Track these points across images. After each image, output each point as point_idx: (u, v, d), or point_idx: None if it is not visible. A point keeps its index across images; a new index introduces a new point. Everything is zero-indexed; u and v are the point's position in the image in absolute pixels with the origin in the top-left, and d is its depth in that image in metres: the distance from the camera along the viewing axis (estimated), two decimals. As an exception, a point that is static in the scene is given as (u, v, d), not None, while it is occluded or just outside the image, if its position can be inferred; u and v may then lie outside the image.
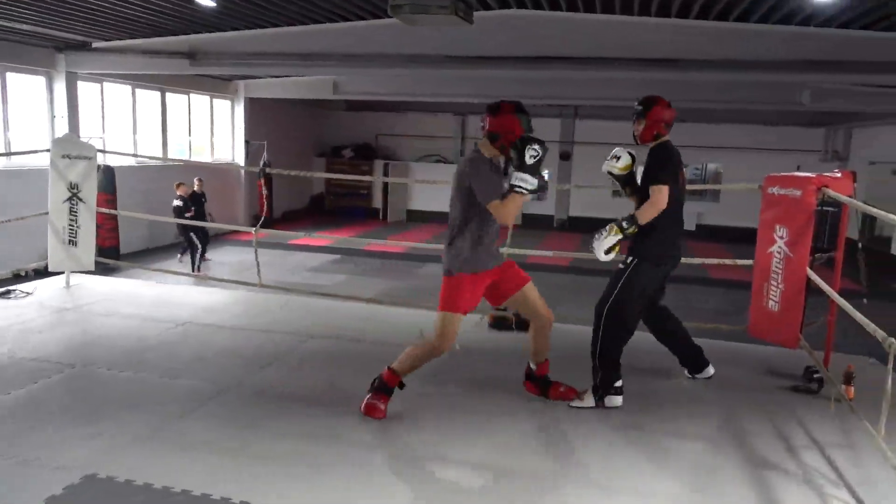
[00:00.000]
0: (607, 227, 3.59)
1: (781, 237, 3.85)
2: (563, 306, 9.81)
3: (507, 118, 3.37)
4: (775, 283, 3.90)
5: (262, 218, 6.26)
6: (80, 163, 5.83)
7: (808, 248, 3.77)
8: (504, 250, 4.87)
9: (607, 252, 3.58)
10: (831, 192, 3.67)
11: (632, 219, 3.57)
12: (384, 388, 3.51)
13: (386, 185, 18.33)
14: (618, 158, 3.85)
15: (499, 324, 5.10)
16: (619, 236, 3.56)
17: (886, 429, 2.80)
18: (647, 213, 3.54)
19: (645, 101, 3.82)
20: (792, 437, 3.42)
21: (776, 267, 3.89)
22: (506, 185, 3.35)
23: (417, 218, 18.68)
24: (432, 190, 18.27)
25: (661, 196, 3.52)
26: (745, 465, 3.12)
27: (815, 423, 3.58)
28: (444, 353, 3.50)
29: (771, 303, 3.95)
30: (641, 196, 3.69)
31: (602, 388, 3.71)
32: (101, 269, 7.37)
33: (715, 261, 5.59)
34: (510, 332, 5.05)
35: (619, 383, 3.71)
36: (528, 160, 3.25)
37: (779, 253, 3.87)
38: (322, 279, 11.08)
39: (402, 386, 3.55)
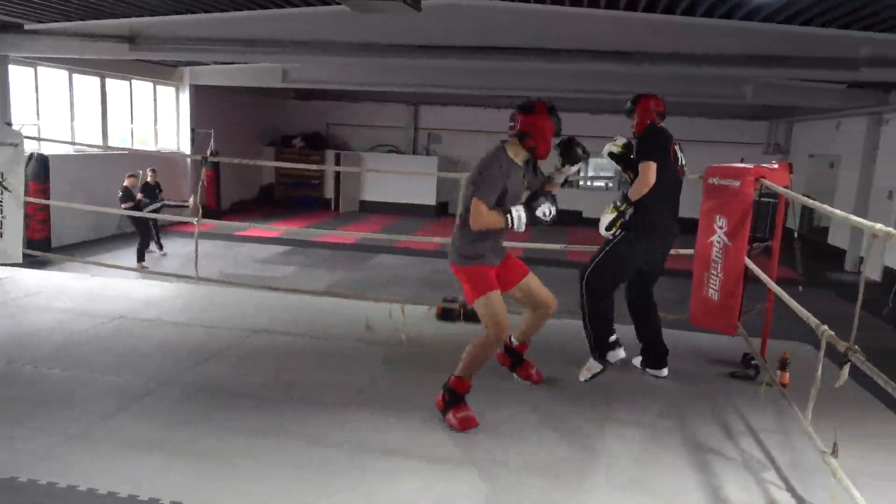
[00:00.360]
0: (607, 206, 3.90)
1: (721, 227, 3.93)
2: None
3: (539, 118, 3.36)
4: (715, 273, 3.98)
5: (197, 208, 5.96)
6: (6, 150, 5.54)
7: (746, 238, 3.86)
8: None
9: (608, 229, 3.85)
10: (768, 183, 3.76)
11: (624, 196, 3.80)
12: (456, 398, 3.34)
13: (338, 175, 18.08)
14: (615, 141, 4.09)
15: (446, 315, 5.07)
16: (615, 214, 3.82)
17: (815, 413, 2.87)
18: (637, 190, 3.74)
19: (634, 98, 4.09)
20: (729, 423, 3.50)
21: (716, 256, 3.97)
22: (524, 189, 3.47)
23: (370, 208, 18.50)
24: (385, 180, 18.14)
25: (648, 172, 3.69)
26: (683, 450, 3.18)
27: (750, 409, 3.67)
28: (503, 339, 3.41)
29: (711, 291, 4.03)
30: (635, 176, 3.85)
31: (599, 348, 3.83)
32: (32, 263, 7.04)
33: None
34: (458, 323, 5.03)
35: (613, 338, 3.82)
36: (539, 214, 3.27)
37: (718, 242, 3.95)
38: (272, 271, 10.87)
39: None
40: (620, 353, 3.81)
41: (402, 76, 13.91)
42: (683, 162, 3.99)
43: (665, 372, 4.10)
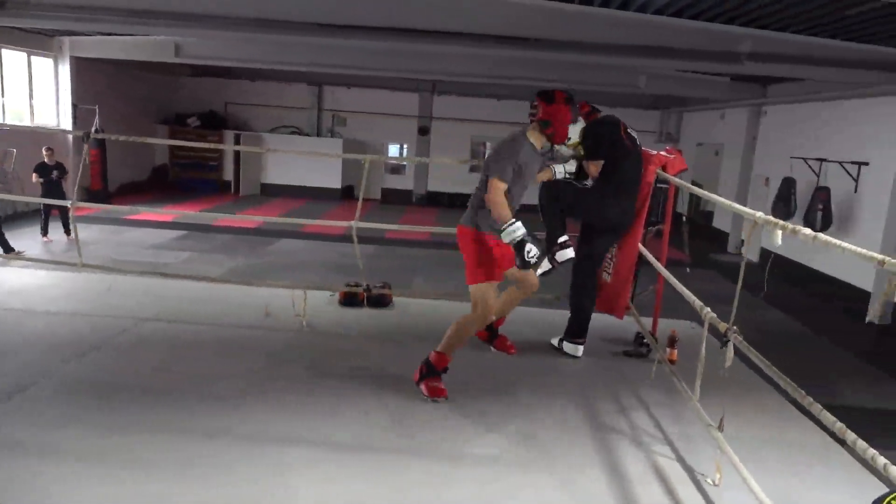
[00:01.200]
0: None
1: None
2: (419, 277, 9.94)
3: (560, 109, 3.56)
4: (610, 255, 4.11)
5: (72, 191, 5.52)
6: None
7: (642, 223, 4.00)
8: (365, 225, 4.83)
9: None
10: (661, 173, 3.92)
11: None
12: (434, 372, 3.51)
13: (238, 156, 17.35)
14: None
15: (350, 300, 4.97)
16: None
17: (702, 389, 3.03)
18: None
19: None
20: (623, 399, 3.64)
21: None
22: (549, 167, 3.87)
23: (272, 192, 17.91)
24: (288, 163, 17.60)
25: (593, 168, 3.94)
26: (581, 428, 3.27)
27: (643, 386, 3.83)
28: (487, 321, 3.63)
29: (605, 274, 4.16)
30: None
31: (567, 335, 4.13)
32: None
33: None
34: (361, 309, 4.95)
35: (563, 238, 3.92)
36: (527, 249, 3.38)
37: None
38: (165, 257, 10.29)
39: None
40: (577, 352, 4.12)
41: (305, 55, 13.43)
42: (638, 142, 4.12)
43: (580, 351, 4.22)
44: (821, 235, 2.07)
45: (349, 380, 3.69)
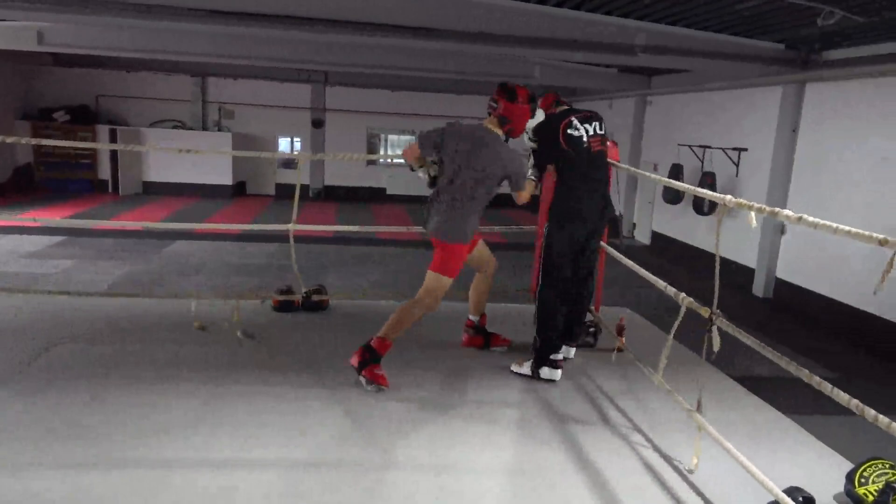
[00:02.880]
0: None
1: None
2: (331, 276, 9.64)
3: (520, 108, 3.59)
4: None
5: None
6: None
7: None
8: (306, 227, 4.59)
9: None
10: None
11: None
12: (375, 357, 3.49)
13: (115, 154, 16.02)
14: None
15: (284, 306, 4.69)
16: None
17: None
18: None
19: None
20: (587, 391, 3.67)
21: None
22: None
23: (156, 190, 16.72)
24: (173, 159, 16.49)
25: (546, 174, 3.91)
26: (550, 425, 3.26)
27: (600, 375, 3.89)
28: (428, 311, 3.62)
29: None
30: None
31: (539, 359, 3.77)
32: None
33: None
34: (297, 314, 4.69)
35: (556, 357, 3.75)
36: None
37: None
38: (44, 267, 9.32)
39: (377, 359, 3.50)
40: (555, 375, 3.77)
41: (185, 44, 12.52)
42: (593, 133, 3.85)
43: (573, 353, 4.13)
44: (806, 217, 2.15)
45: (303, 389, 3.47)
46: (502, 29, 9.38)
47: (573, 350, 4.12)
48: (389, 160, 19.81)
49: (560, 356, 3.77)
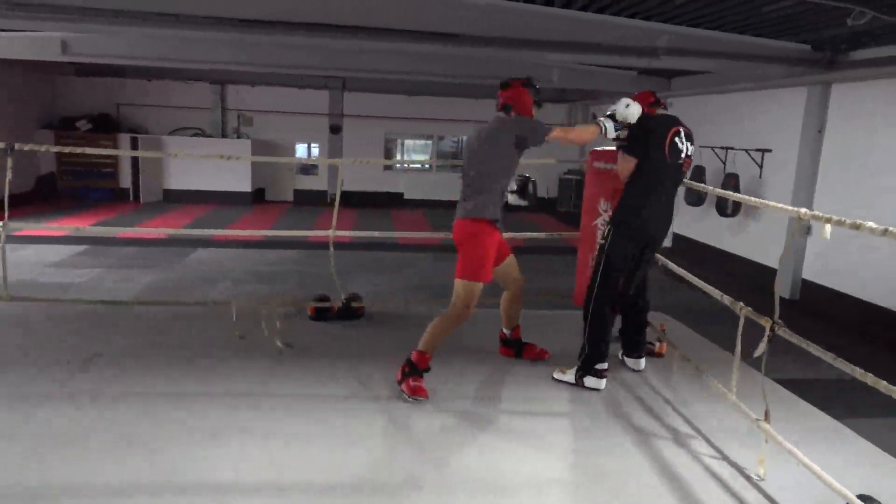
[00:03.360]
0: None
1: (605, 210, 4.06)
2: (353, 284, 9.66)
3: (517, 91, 3.68)
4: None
5: None
6: None
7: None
8: (347, 233, 4.60)
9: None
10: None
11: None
12: (415, 371, 3.54)
13: (136, 162, 16.17)
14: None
15: (321, 314, 4.70)
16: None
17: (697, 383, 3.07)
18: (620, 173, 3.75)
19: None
20: (649, 400, 3.63)
21: (601, 239, 4.10)
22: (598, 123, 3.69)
23: (176, 198, 16.84)
24: (193, 166, 16.61)
25: (623, 163, 3.74)
26: (619, 432, 3.23)
27: (663, 383, 3.85)
28: (465, 319, 3.61)
29: (594, 275, 4.16)
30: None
31: (584, 368, 3.72)
32: None
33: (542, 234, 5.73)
34: (332, 323, 4.70)
35: (602, 366, 3.71)
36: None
37: (604, 226, 4.08)
38: (69, 276, 9.41)
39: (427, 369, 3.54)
40: (600, 385, 3.75)
41: (205, 52, 12.63)
42: (688, 152, 3.79)
43: (643, 364, 4.08)
44: (892, 229, 2.12)
45: (352, 401, 3.47)
46: (522, 33, 9.37)
47: (643, 361, 4.04)
48: (406, 165, 19.88)
49: (605, 365, 3.72)
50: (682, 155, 3.71)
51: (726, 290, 3.49)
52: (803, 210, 2.59)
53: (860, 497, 2.44)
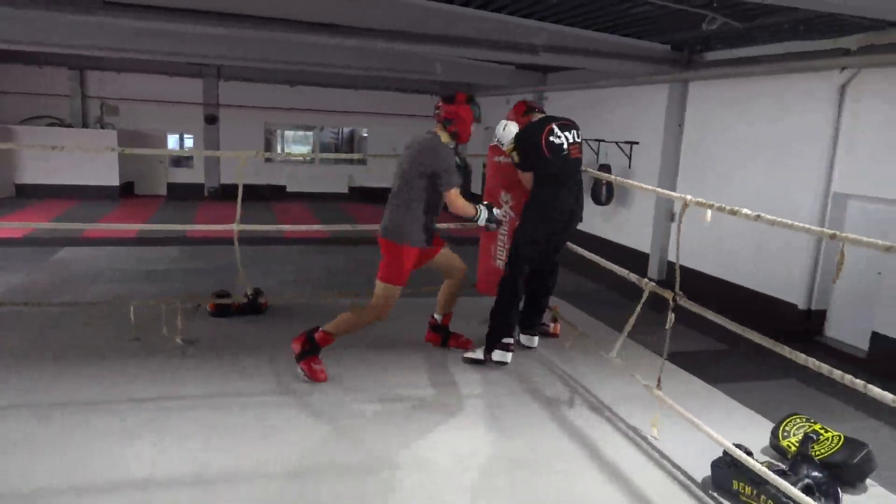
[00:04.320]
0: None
1: (507, 202, 4.28)
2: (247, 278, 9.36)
3: (461, 108, 3.77)
4: (501, 244, 4.34)
5: None
6: None
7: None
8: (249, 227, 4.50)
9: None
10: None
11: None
12: (316, 349, 3.61)
13: (-18, 154, 14.62)
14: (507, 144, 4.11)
15: (222, 311, 4.60)
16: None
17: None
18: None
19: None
20: (550, 375, 3.90)
21: (502, 230, 4.32)
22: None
23: (31, 193, 15.41)
24: (51, 159, 15.27)
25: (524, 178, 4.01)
26: (517, 406, 3.45)
27: (563, 360, 4.13)
28: (377, 319, 3.71)
29: (498, 261, 4.39)
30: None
31: (490, 343, 3.93)
32: None
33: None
34: (233, 318, 4.60)
35: (508, 340, 3.91)
36: (497, 215, 3.83)
37: (504, 217, 4.30)
38: (-87, 282, 8.42)
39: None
40: (506, 358, 3.94)
41: (65, 35, 11.63)
42: (572, 140, 4.00)
43: (535, 341, 4.32)
44: (764, 215, 2.46)
45: (268, 395, 3.46)
46: (406, 26, 9.48)
47: (536, 339, 4.32)
48: (292, 157, 19.42)
49: (511, 340, 3.96)
50: (564, 145, 3.95)
51: (601, 273, 3.82)
52: (688, 196, 2.93)
53: (735, 445, 2.81)
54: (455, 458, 2.94)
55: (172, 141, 17.52)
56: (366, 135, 19.18)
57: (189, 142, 17.46)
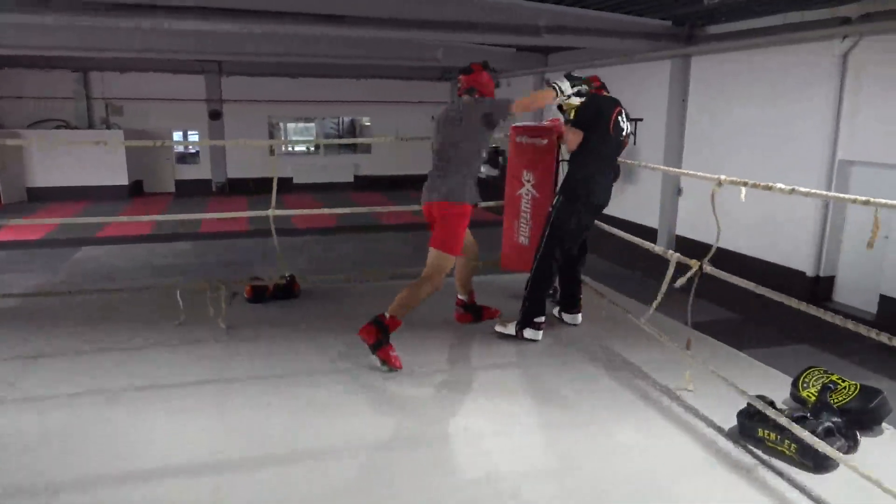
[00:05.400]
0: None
1: (529, 181, 4.45)
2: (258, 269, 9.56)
3: (479, 75, 3.95)
4: (524, 221, 4.52)
5: None
6: None
7: (551, 188, 4.43)
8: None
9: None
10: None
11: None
12: (387, 335, 3.61)
13: (-8, 159, 14.80)
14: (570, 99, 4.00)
15: (258, 296, 4.78)
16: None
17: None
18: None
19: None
20: (584, 345, 4.10)
21: (525, 207, 4.50)
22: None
23: (43, 196, 15.59)
24: (61, 161, 15.44)
25: (571, 136, 3.99)
26: (562, 380, 3.63)
27: (589, 330, 4.33)
28: (436, 289, 3.76)
29: (521, 238, 4.57)
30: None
31: (524, 320, 4.03)
32: None
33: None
34: (269, 303, 4.78)
35: (540, 319, 4.03)
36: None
37: (527, 195, 4.48)
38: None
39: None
40: (538, 336, 4.06)
41: (70, 38, 11.72)
42: (628, 131, 4.11)
43: (580, 318, 4.41)
44: (798, 188, 2.64)
45: (321, 375, 3.64)
46: (411, 13, 9.59)
47: (579, 316, 4.42)
48: (292, 147, 19.53)
49: (543, 319, 4.11)
50: (623, 133, 4.07)
51: (615, 250, 3.96)
52: (723, 176, 3.09)
53: (758, 397, 3.01)
54: (497, 424, 3.13)
55: (178, 138, 17.67)
56: (368, 123, 19.30)
57: (193, 138, 17.62)
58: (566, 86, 3.92)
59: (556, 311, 4.49)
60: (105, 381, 3.45)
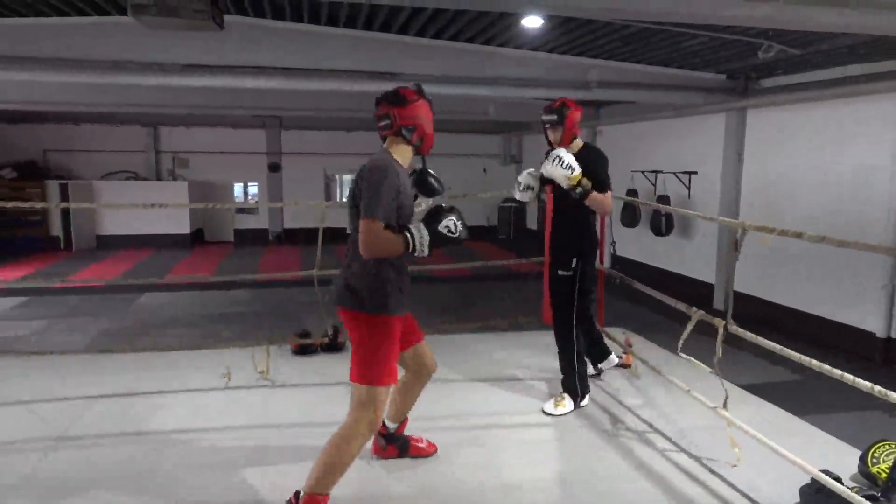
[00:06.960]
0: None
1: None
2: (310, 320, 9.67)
3: (418, 107, 2.84)
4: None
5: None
6: None
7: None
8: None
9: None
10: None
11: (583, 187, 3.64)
12: None
13: (66, 208, 15.65)
14: (571, 168, 3.70)
15: (304, 349, 4.83)
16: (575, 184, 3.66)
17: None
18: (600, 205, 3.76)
19: (558, 110, 3.92)
20: (613, 406, 3.96)
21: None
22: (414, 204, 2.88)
23: (110, 244, 16.33)
24: (128, 210, 16.23)
25: (608, 200, 3.80)
26: (597, 439, 3.52)
27: (623, 390, 4.19)
28: (376, 430, 2.79)
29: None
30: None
31: (581, 396, 3.92)
32: None
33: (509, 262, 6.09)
34: (315, 356, 4.83)
35: (591, 371, 4.06)
36: (443, 230, 2.69)
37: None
38: (16, 328, 9.07)
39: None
40: (586, 401, 3.99)
41: (138, 95, 12.48)
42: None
43: (615, 359, 4.37)
44: (830, 237, 2.53)
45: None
46: (461, 70, 9.82)
47: (613, 357, 4.37)
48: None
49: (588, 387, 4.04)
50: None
51: (670, 307, 3.84)
52: (747, 222, 3.03)
53: (823, 472, 2.81)
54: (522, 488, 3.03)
55: (238, 189, 18.36)
56: (421, 176, 19.52)
57: (253, 188, 18.25)
58: (568, 157, 3.72)
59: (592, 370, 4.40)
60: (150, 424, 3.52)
